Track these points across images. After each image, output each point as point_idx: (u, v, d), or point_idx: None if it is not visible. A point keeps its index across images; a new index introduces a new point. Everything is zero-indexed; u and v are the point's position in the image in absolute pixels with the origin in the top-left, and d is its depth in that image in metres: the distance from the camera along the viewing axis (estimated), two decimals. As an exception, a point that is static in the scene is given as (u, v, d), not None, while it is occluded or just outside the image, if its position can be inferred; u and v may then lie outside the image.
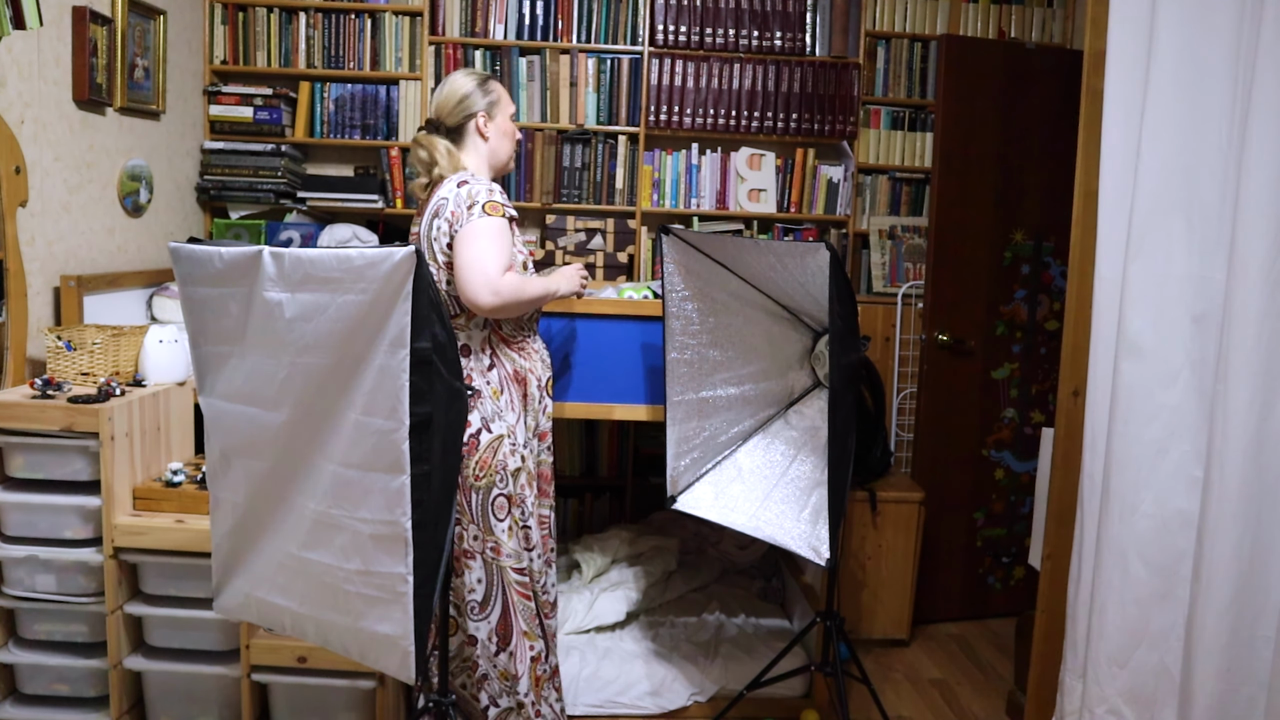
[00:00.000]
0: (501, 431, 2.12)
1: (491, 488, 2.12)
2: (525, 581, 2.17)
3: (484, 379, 2.14)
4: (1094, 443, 2.09)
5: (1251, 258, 1.76)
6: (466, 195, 2.07)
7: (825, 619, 2.49)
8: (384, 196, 3.61)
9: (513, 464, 2.14)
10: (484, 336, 2.16)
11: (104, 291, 2.74)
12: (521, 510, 2.17)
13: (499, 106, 2.25)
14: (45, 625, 2.35)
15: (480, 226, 2.03)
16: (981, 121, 3.36)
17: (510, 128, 2.29)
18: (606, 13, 3.61)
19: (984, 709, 2.91)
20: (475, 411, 2.11)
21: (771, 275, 2.30)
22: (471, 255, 2.01)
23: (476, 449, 2.10)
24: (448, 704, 1.99)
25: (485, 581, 2.16)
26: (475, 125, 2.22)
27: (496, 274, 2.00)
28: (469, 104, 2.21)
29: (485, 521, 2.13)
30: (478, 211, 2.04)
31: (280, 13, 3.55)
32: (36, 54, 2.54)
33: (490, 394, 2.13)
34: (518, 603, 2.16)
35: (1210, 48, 1.85)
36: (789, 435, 2.50)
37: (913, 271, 3.73)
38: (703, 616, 3.13)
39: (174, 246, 1.68)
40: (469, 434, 2.09)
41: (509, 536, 2.14)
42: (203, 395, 1.75)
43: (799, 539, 2.25)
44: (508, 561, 2.14)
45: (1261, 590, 1.81)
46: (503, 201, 2.09)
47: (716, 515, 2.38)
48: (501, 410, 2.13)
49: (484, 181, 2.13)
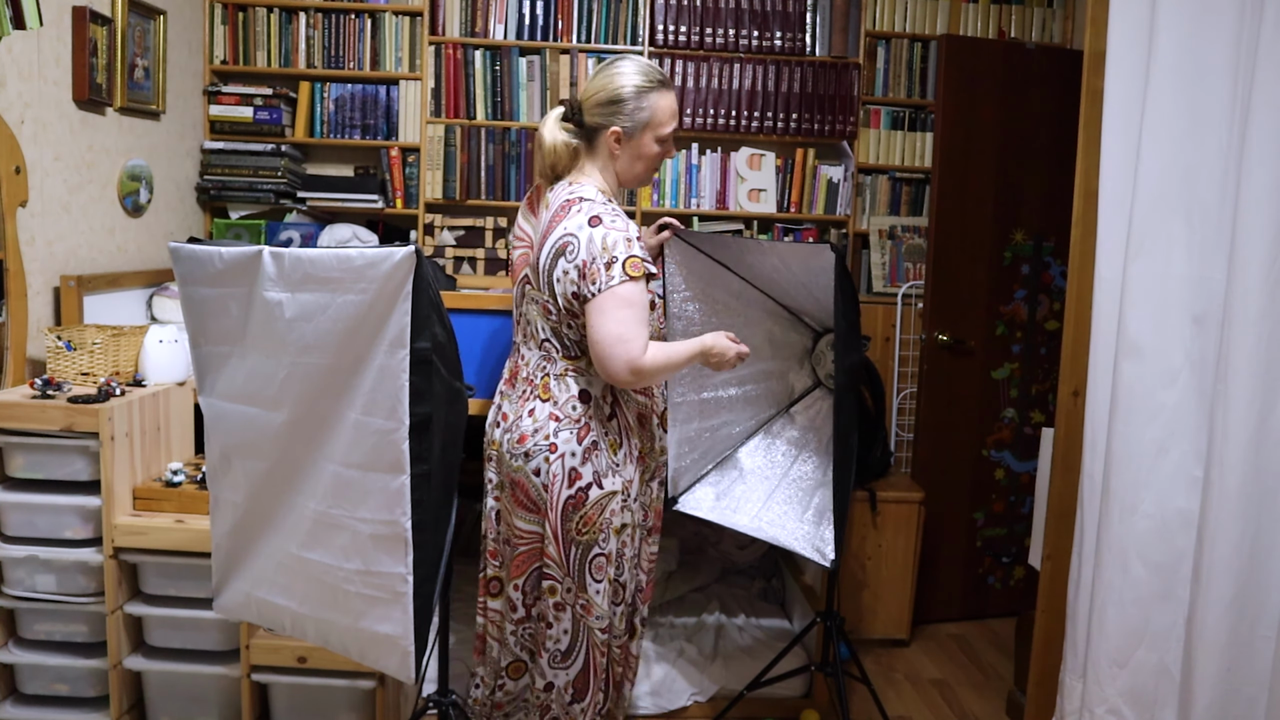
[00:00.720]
0: (614, 488, 1.95)
1: (592, 545, 1.95)
2: (607, 640, 2.04)
3: (603, 429, 1.95)
4: (1094, 443, 2.09)
5: (1251, 258, 1.76)
6: (601, 245, 1.83)
7: (825, 619, 2.49)
8: (384, 196, 3.61)
9: (619, 521, 1.97)
10: (605, 383, 1.95)
11: (104, 291, 2.74)
12: (619, 568, 2.01)
13: (645, 127, 1.96)
14: (45, 625, 2.35)
15: (623, 296, 1.81)
16: (981, 121, 3.36)
17: (653, 152, 2.00)
18: (606, 13, 3.61)
19: (984, 709, 2.91)
20: (589, 464, 1.93)
21: (774, 276, 2.29)
22: (612, 331, 1.81)
23: (584, 504, 1.93)
24: (448, 704, 1.99)
25: (571, 634, 2.02)
26: (608, 138, 1.98)
27: (640, 352, 1.82)
28: (613, 112, 1.96)
29: (580, 579, 1.97)
30: (618, 274, 1.81)
31: (280, 13, 3.55)
32: (36, 54, 2.54)
33: (608, 447, 1.95)
34: (597, 661, 2.04)
35: (1210, 48, 1.85)
36: (790, 435, 2.50)
37: (913, 271, 3.73)
38: (703, 616, 3.13)
39: (174, 246, 1.68)
40: (576, 486, 1.92)
41: (602, 598, 1.99)
42: (203, 395, 1.75)
43: (802, 540, 2.25)
44: (596, 623, 2.00)
45: (1261, 590, 1.81)
46: (642, 255, 1.85)
47: (718, 516, 2.37)
48: (619, 464, 1.96)
49: (620, 221, 1.88)
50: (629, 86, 1.95)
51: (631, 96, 1.95)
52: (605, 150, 1.99)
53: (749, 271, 2.33)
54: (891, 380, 3.69)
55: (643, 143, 1.98)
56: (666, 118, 1.98)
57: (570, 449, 1.92)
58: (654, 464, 2.10)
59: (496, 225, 3.62)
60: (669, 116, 1.99)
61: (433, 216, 3.63)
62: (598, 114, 1.97)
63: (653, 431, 2.06)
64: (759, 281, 2.35)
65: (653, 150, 2.00)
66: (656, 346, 1.89)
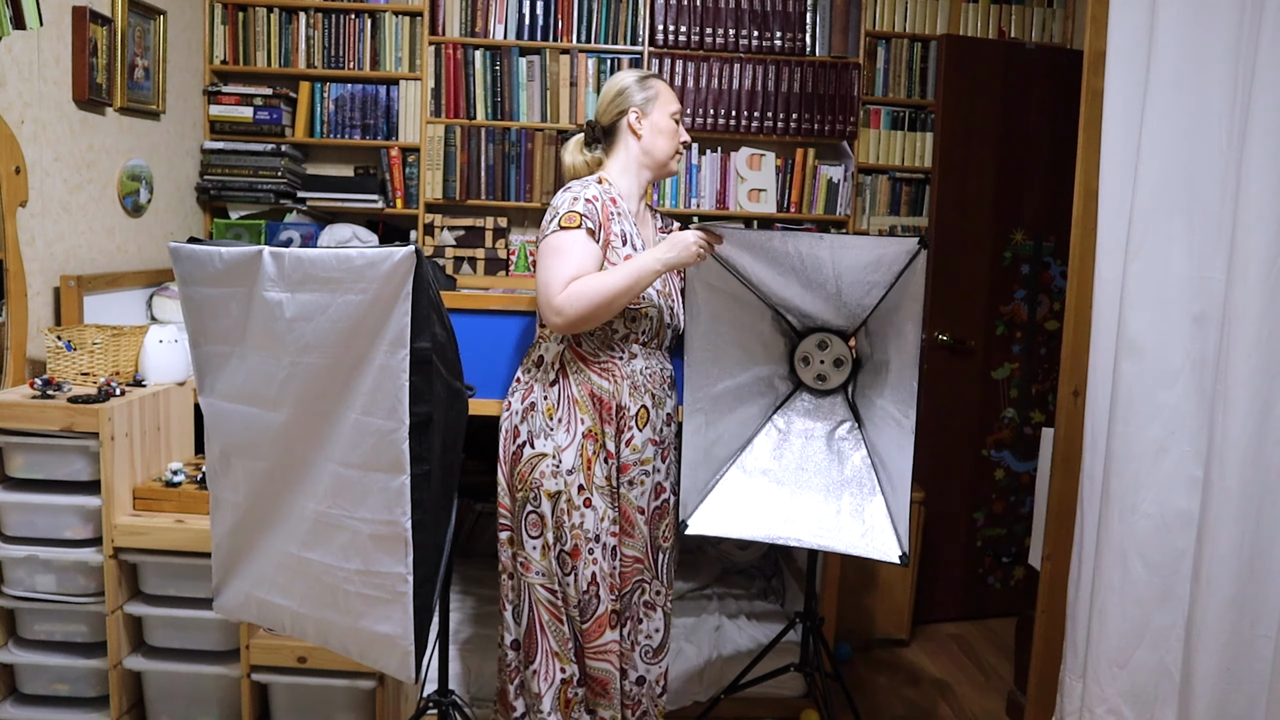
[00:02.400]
0: (545, 450, 2.05)
1: (526, 503, 2.07)
2: (555, 603, 2.09)
3: (543, 393, 2.07)
4: (1094, 443, 2.09)
5: (1251, 258, 1.76)
6: (557, 205, 2.02)
7: (804, 619, 2.51)
8: (384, 196, 3.61)
9: (550, 485, 2.04)
10: (558, 351, 2.08)
11: (104, 291, 2.74)
12: (559, 534, 2.06)
13: (655, 103, 2.13)
14: (45, 625, 2.35)
15: (549, 243, 1.98)
16: (981, 121, 3.36)
17: (670, 126, 2.15)
18: (606, 13, 3.61)
19: (984, 709, 2.91)
20: (525, 422, 2.07)
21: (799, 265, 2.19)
22: (540, 279, 1.97)
23: (519, 461, 2.07)
24: (448, 704, 1.99)
25: (517, 591, 2.14)
26: (628, 122, 2.13)
27: (556, 291, 1.93)
28: (623, 100, 2.13)
29: (519, 535, 2.09)
30: (554, 225, 1.99)
31: (280, 13, 3.55)
32: (36, 54, 2.54)
33: (544, 410, 2.06)
34: (548, 622, 2.08)
35: (1210, 48, 1.85)
36: (792, 441, 2.48)
37: (913, 271, 3.73)
38: (703, 616, 3.13)
39: (174, 246, 1.68)
40: (516, 443, 2.07)
41: (541, 555, 2.08)
42: (203, 395, 1.75)
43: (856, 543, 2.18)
44: (536, 579, 2.08)
45: (1261, 590, 1.81)
46: (583, 211, 1.98)
47: (739, 531, 2.27)
48: (552, 429, 2.05)
49: (580, 186, 2.05)
50: (631, 79, 2.16)
51: (635, 84, 2.15)
52: (628, 138, 2.15)
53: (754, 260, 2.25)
54: (891, 380, 3.69)
55: (658, 117, 2.14)
56: (671, 99, 2.17)
57: (516, 407, 2.10)
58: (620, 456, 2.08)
59: (496, 225, 3.62)
60: (673, 98, 2.18)
61: (433, 216, 3.63)
62: (611, 110, 2.15)
63: (613, 418, 2.06)
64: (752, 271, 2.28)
65: (670, 124, 2.15)
66: (580, 281, 1.94)
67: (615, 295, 1.95)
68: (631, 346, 2.10)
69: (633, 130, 2.13)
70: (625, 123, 2.13)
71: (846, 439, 2.33)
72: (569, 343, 2.07)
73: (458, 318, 1.71)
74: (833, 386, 2.34)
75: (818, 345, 2.34)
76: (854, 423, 2.33)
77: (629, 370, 2.09)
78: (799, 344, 2.38)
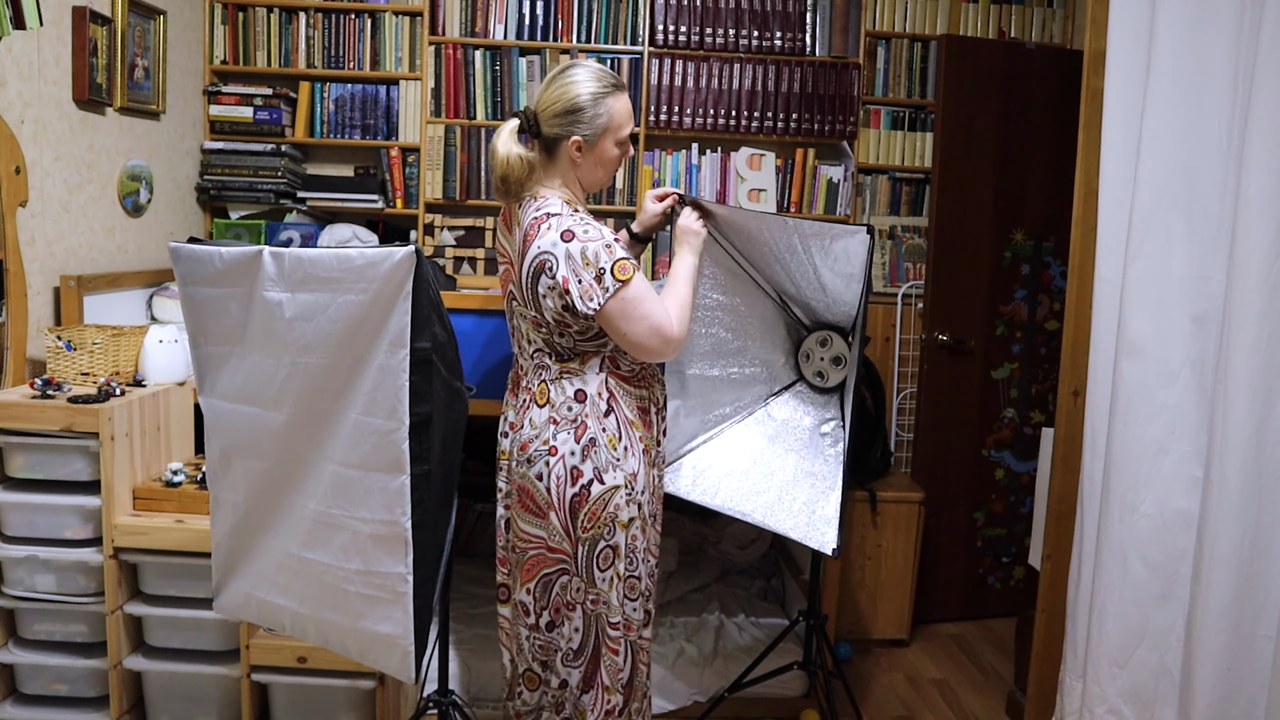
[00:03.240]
0: (617, 483, 1.95)
1: (598, 540, 1.97)
2: (618, 636, 2.02)
3: (600, 425, 1.95)
4: (1094, 443, 2.09)
5: (1251, 258, 1.76)
6: (583, 259, 1.84)
7: (808, 617, 2.52)
8: (384, 196, 3.61)
9: (625, 515, 1.97)
10: (600, 380, 1.97)
11: (104, 291, 2.74)
12: (631, 561, 2.01)
13: (604, 135, 1.95)
14: (45, 625, 2.35)
15: (630, 300, 1.85)
16: (981, 121, 3.36)
17: (613, 156, 2.00)
18: (606, 13, 3.61)
19: (984, 709, 2.91)
20: (589, 460, 1.94)
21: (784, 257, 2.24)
22: (642, 330, 1.87)
23: (587, 500, 1.94)
24: (448, 704, 1.99)
25: (583, 631, 2.03)
26: (568, 149, 1.95)
27: (670, 326, 1.88)
28: (570, 123, 1.94)
29: (589, 574, 1.99)
30: (611, 284, 1.84)
31: (280, 13, 3.55)
32: (36, 54, 2.54)
33: (606, 443, 1.95)
34: (605, 656, 2.03)
35: (1210, 48, 1.85)
36: (770, 428, 2.48)
37: (913, 271, 3.73)
38: (703, 616, 3.13)
39: (174, 246, 1.68)
40: (579, 484, 1.94)
41: (610, 588, 1.99)
42: (203, 395, 1.75)
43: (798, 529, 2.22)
44: (605, 611, 2.01)
45: (1261, 590, 1.81)
46: (625, 255, 1.87)
47: (698, 497, 2.33)
48: (619, 459, 1.96)
49: (593, 230, 1.88)
50: (585, 95, 1.93)
51: (589, 104, 1.93)
52: (566, 160, 1.97)
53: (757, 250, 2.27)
54: (891, 380, 3.69)
55: (603, 148, 1.98)
56: (624, 120, 1.98)
57: (569, 449, 1.94)
58: (655, 452, 2.10)
59: (496, 225, 3.62)
60: (626, 119, 1.99)
61: (433, 216, 3.63)
62: (556, 125, 1.95)
63: (653, 421, 2.07)
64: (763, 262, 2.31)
65: (613, 154, 2.00)
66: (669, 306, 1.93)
67: (692, 296, 2.00)
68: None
69: (571, 158, 1.96)
70: (565, 146, 1.95)
71: (828, 435, 2.34)
72: (609, 369, 1.98)
73: (458, 318, 1.72)
74: (831, 385, 2.34)
75: (819, 343, 2.35)
76: (839, 421, 2.33)
77: (650, 366, 2.08)
78: (805, 340, 2.39)
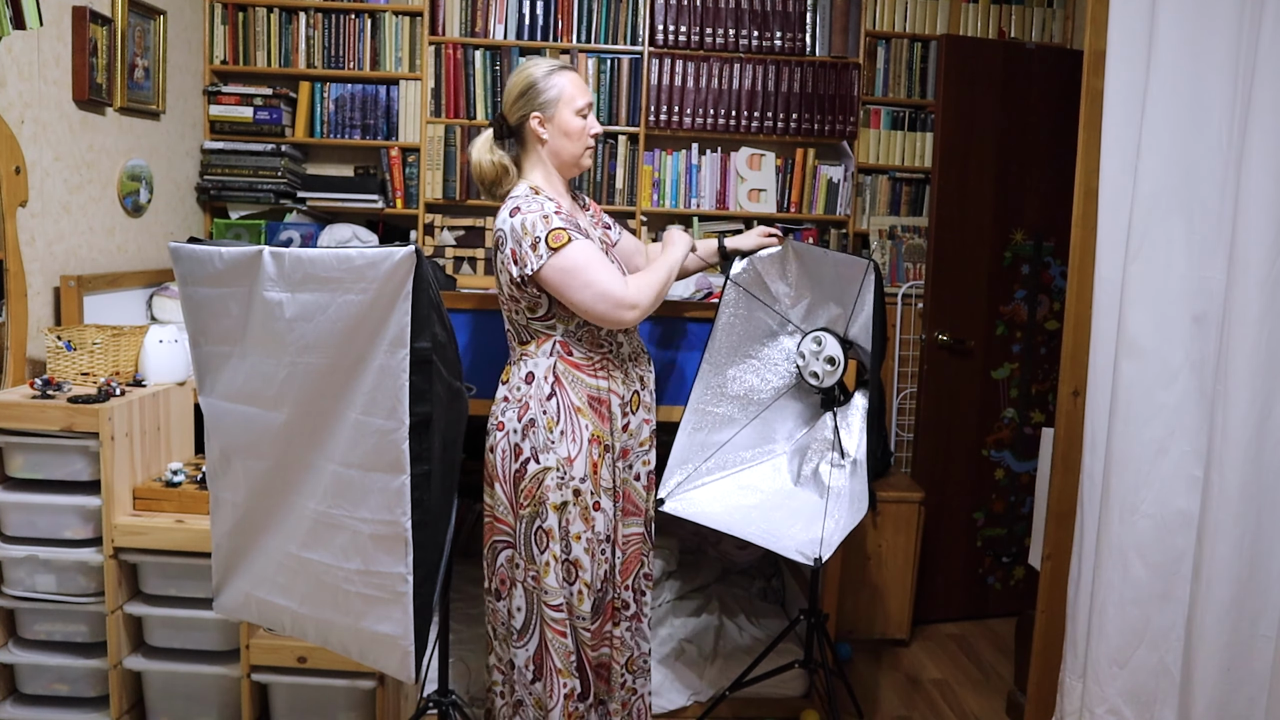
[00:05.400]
0: (549, 464, 2.03)
1: (534, 518, 2.05)
2: (561, 618, 2.07)
3: (540, 408, 2.03)
4: (1094, 443, 2.09)
5: (1251, 258, 1.76)
6: (522, 229, 1.97)
7: (808, 616, 2.53)
8: (384, 196, 3.61)
9: (555, 498, 2.03)
10: (549, 365, 2.05)
11: (104, 291, 2.74)
12: (565, 545, 2.06)
13: (558, 105, 2.06)
14: (45, 625, 2.35)
15: (564, 267, 1.94)
16: (981, 121, 3.36)
17: (576, 126, 2.09)
18: (606, 13, 3.61)
19: (984, 709, 2.91)
20: (527, 439, 2.03)
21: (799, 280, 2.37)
22: (586, 297, 1.96)
23: (524, 478, 2.04)
24: (448, 704, 1.99)
25: (525, 610, 2.09)
26: (531, 127, 2.08)
27: (620, 292, 1.97)
28: (526, 102, 2.07)
29: (528, 550, 2.06)
30: (544, 251, 1.94)
31: (280, 13, 3.55)
32: (36, 54, 2.54)
33: (545, 425, 2.03)
34: (552, 639, 2.07)
35: (1210, 48, 1.85)
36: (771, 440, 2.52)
37: (913, 271, 3.73)
38: (703, 616, 3.13)
39: (174, 246, 1.68)
40: (520, 461, 2.04)
41: (545, 571, 2.05)
42: (203, 395, 1.75)
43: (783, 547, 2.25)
44: (546, 598, 2.07)
45: (1261, 590, 1.81)
46: (563, 224, 1.97)
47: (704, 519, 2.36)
48: (555, 442, 2.03)
49: (536, 204, 2.00)
50: (536, 73, 2.08)
51: (540, 79, 2.07)
52: (534, 143, 2.10)
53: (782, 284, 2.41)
54: (891, 380, 3.69)
55: (562, 118, 2.08)
56: (576, 92, 2.09)
57: (513, 426, 2.05)
58: (619, 446, 2.12)
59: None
60: (579, 91, 2.09)
61: (433, 216, 3.63)
62: (516, 110, 2.09)
63: (610, 414, 2.10)
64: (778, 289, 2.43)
65: (575, 124, 2.09)
66: (635, 277, 2.07)
67: (665, 287, 2.10)
68: (618, 335, 2.13)
69: (537, 136, 2.08)
70: (529, 127, 2.08)
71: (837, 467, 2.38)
72: (559, 354, 2.06)
73: (458, 318, 1.72)
74: (826, 385, 2.36)
75: (814, 341, 2.36)
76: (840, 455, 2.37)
77: (620, 358, 2.13)
78: (801, 342, 2.41)
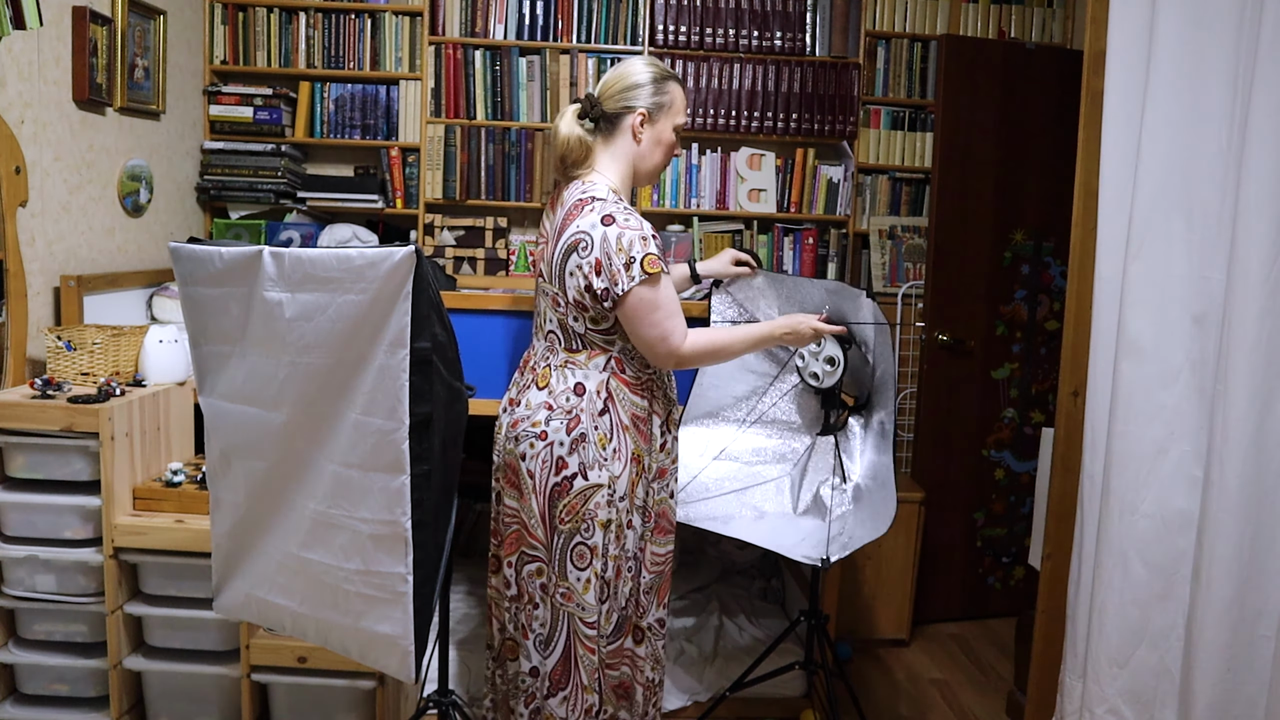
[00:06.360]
0: (600, 481, 1.96)
1: (575, 534, 1.98)
2: (594, 635, 2.01)
3: (592, 423, 1.97)
4: (1094, 443, 2.09)
5: (1251, 258, 1.76)
6: (617, 244, 1.87)
7: (809, 617, 2.53)
8: (384, 196, 3.61)
9: (603, 515, 1.97)
10: (602, 380, 1.98)
11: (104, 291, 2.74)
12: (604, 565, 2.01)
13: (665, 112, 2.03)
14: (45, 625, 2.35)
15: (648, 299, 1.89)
16: (981, 121, 3.36)
17: (671, 140, 2.06)
18: (606, 13, 3.61)
19: (984, 709, 2.91)
20: (576, 454, 1.96)
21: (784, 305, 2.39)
22: (651, 334, 1.92)
23: (568, 493, 1.96)
24: (448, 704, 1.99)
25: (550, 623, 2.03)
26: (631, 122, 2.02)
27: (680, 342, 1.93)
28: (632, 96, 2.01)
29: (562, 567, 1.99)
30: (638, 273, 1.87)
31: (280, 13, 3.55)
32: (36, 54, 2.54)
33: (597, 440, 1.96)
34: (582, 655, 2.03)
35: (1210, 48, 1.85)
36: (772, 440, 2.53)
37: (913, 271, 3.73)
38: (703, 617, 3.13)
39: (174, 246, 1.68)
40: (562, 475, 1.96)
41: (585, 588, 1.99)
42: (203, 395, 1.75)
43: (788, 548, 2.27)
44: (577, 611, 2.00)
45: (1261, 590, 1.81)
46: (658, 252, 1.90)
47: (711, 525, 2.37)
48: (606, 459, 1.97)
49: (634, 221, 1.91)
50: (647, 74, 2.03)
51: (651, 81, 2.02)
52: (626, 138, 2.04)
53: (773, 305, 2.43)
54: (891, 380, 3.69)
55: (662, 128, 2.05)
56: (682, 107, 2.08)
57: (560, 438, 1.96)
58: (656, 466, 2.09)
59: (496, 225, 3.62)
60: (684, 107, 2.09)
61: (433, 216, 3.63)
62: (619, 101, 2.02)
63: (652, 434, 2.06)
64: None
65: (670, 138, 2.07)
66: (699, 334, 1.99)
67: (730, 355, 2.07)
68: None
69: (634, 133, 2.03)
70: (629, 121, 2.02)
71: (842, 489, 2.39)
72: (613, 370, 1.99)
73: (458, 318, 1.71)
74: (826, 385, 2.36)
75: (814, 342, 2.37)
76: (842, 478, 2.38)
77: (661, 379, 2.09)
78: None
